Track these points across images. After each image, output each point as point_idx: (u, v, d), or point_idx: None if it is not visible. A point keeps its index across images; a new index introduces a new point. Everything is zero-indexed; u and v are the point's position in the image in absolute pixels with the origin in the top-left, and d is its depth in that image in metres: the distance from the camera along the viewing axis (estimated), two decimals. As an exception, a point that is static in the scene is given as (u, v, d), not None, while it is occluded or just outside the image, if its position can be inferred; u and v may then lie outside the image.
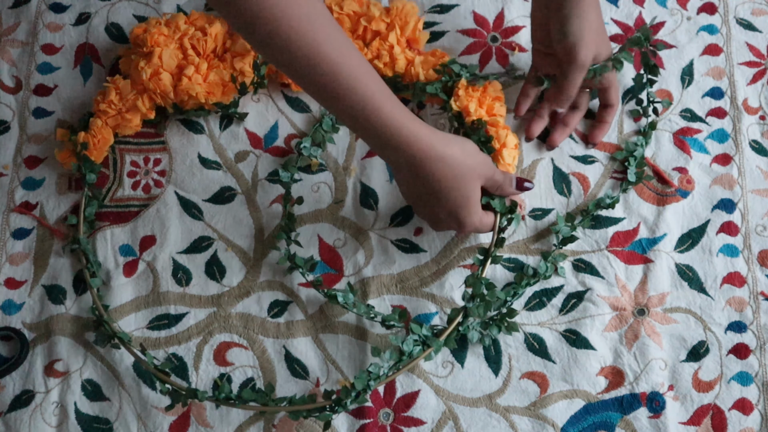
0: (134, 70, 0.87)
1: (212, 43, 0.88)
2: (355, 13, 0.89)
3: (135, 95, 0.87)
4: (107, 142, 0.88)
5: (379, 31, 0.88)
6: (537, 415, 0.80)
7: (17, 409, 0.81)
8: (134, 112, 0.87)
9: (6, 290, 0.86)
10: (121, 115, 0.88)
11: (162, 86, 0.86)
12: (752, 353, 0.81)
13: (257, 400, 0.77)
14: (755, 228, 0.85)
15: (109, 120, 0.88)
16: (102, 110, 0.87)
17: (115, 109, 0.87)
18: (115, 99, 0.87)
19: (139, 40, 0.89)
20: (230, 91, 0.88)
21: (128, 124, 0.88)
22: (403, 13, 0.89)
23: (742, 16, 0.95)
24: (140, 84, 0.87)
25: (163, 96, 0.87)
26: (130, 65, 0.89)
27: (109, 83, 0.88)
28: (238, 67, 0.88)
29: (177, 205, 0.88)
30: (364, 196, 0.88)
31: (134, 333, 0.83)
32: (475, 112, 0.85)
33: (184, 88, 0.86)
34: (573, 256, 0.85)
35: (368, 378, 0.76)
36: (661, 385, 0.80)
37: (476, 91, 0.86)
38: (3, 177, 0.90)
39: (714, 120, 0.90)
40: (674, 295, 0.83)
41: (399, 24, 0.88)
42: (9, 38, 0.96)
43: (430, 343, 0.78)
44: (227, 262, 0.86)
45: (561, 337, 0.82)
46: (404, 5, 0.89)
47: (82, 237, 0.85)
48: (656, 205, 0.86)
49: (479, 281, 0.79)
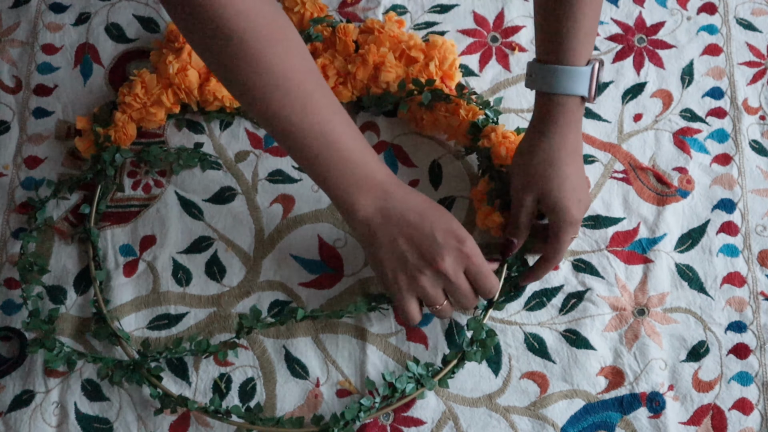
0: (162, 64, 0.88)
1: None
2: (395, 36, 0.89)
3: (160, 89, 0.88)
4: (131, 138, 0.89)
5: (417, 58, 0.88)
6: (537, 415, 0.80)
7: (17, 409, 0.81)
8: (159, 106, 0.88)
9: (6, 290, 0.86)
10: (146, 109, 0.88)
11: (188, 82, 0.87)
12: (752, 353, 0.81)
13: (245, 418, 0.78)
14: (755, 228, 0.85)
15: (133, 113, 0.88)
16: (127, 103, 0.88)
17: (140, 103, 0.88)
18: (140, 92, 0.88)
19: (172, 36, 0.90)
20: None
21: (152, 118, 0.88)
22: (443, 48, 0.88)
23: (742, 16, 0.95)
24: (166, 78, 0.88)
25: (187, 92, 0.88)
26: (159, 58, 0.90)
27: (135, 76, 0.89)
28: None
29: (177, 205, 0.88)
30: (364, 196, 0.88)
31: (134, 333, 0.83)
32: (504, 158, 0.84)
33: (211, 89, 0.87)
34: (573, 256, 0.85)
35: (359, 409, 0.77)
36: (661, 385, 0.80)
37: (506, 138, 0.85)
38: (3, 177, 0.90)
39: (714, 120, 0.90)
40: (674, 295, 0.83)
41: (438, 57, 0.88)
42: (9, 38, 0.96)
43: (424, 383, 0.79)
44: (227, 262, 0.86)
45: (561, 337, 0.82)
46: (444, 42, 0.89)
47: (92, 228, 0.85)
48: (656, 205, 0.86)
49: (481, 327, 0.79)
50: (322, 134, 0.72)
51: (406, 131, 0.90)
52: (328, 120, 0.72)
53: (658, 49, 0.93)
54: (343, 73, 0.89)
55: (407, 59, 0.88)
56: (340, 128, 0.73)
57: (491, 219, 0.83)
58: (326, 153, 0.72)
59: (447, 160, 0.89)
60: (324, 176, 0.73)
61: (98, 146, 0.88)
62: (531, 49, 0.93)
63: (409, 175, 0.88)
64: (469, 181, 0.88)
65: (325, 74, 0.88)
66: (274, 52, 0.69)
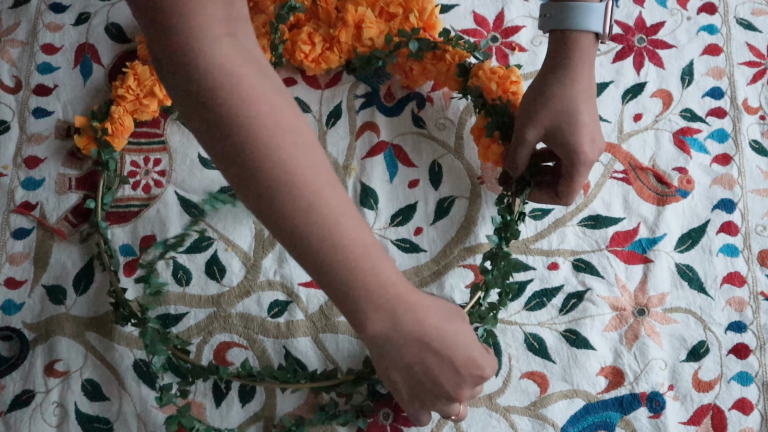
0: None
1: None
2: None
3: (153, 81, 0.88)
4: (128, 130, 0.89)
5: (396, 13, 0.88)
6: (537, 415, 0.80)
7: (17, 409, 0.81)
8: (151, 98, 0.88)
9: (6, 290, 0.86)
10: (139, 101, 0.88)
11: None
12: (752, 353, 0.81)
13: (278, 377, 0.77)
14: (755, 228, 0.85)
15: (127, 105, 0.88)
16: (120, 95, 0.88)
17: (133, 95, 0.88)
18: (133, 84, 0.88)
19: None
20: None
21: (146, 109, 0.88)
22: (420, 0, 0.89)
23: (742, 16, 0.95)
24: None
25: None
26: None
27: (128, 68, 0.89)
28: None
29: (177, 205, 0.88)
30: (364, 196, 0.88)
31: (134, 333, 0.83)
32: (496, 92, 0.84)
33: None
34: (573, 256, 0.85)
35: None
36: (661, 385, 0.80)
37: (494, 73, 0.85)
38: (3, 177, 0.90)
39: (714, 120, 0.90)
40: (674, 295, 0.83)
41: (417, 8, 0.89)
42: (9, 38, 0.96)
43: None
44: (227, 262, 0.86)
45: (561, 337, 0.82)
46: None
47: (100, 221, 0.85)
48: (656, 205, 0.86)
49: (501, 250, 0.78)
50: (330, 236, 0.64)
51: (406, 131, 0.90)
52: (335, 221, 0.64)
53: (658, 49, 0.93)
54: (328, 39, 0.89)
55: (387, 15, 0.89)
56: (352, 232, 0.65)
57: (492, 151, 0.83)
58: (332, 257, 0.64)
59: (447, 160, 0.89)
60: (330, 284, 0.66)
61: (98, 141, 0.88)
62: (531, 49, 0.93)
63: (409, 175, 0.88)
64: (469, 181, 0.88)
65: (312, 42, 0.88)
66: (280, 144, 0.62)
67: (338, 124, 0.91)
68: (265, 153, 0.61)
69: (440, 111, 0.91)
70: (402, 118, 0.90)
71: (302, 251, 0.65)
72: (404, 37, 0.87)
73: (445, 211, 0.87)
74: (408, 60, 0.88)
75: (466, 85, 0.86)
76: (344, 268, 0.64)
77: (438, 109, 0.91)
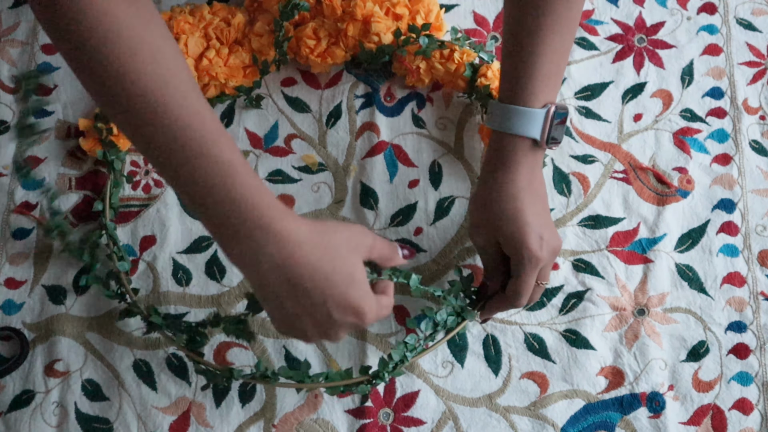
0: None
1: (235, 33, 0.89)
2: None
3: None
4: None
5: (402, 14, 0.89)
6: (537, 415, 0.80)
7: (17, 409, 0.81)
8: None
9: (6, 290, 0.86)
10: None
11: None
12: (752, 353, 0.81)
13: (294, 377, 0.77)
14: (755, 228, 0.86)
15: None
16: None
17: None
18: None
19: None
20: (252, 75, 0.89)
21: None
22: (426, 2, 0.90)
23: (742, 16, 0.95)
24: None
25: None
26: None
27: None
28: (255, 46, 0.88)
29: (177, 205, 0.88)
30: (364, 196, 0.88)
31: (135, 333, 0.83)
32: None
33: (204, 68, 0.87)
34: (573, 256, 0.85)
35: (405, 349, 0.76)
36: (661, 385, 0.80)
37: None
38: (3, 177, 0.90)
39: (714, 120, 0.90)
40: (674, 295, 0.83)
41: (423, 10, 0.89)
42: (9, 38, 0.96)
43: (465, 315, 0.78)
44: (227, 262, 0.86)
45: (561, 337, 0.82)
46: None
47: (109, 222, 0.85)
48: (656, 205, 0.86)
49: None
50: (188, 126, 0.57)
51: (406, 131, 0.90)
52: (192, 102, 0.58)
53: (658, 49, 0.93)
54: (334, 33, 0.89)
55: (393, 16, 0.89)
56: (210, 124, 0.58)
57: None
58: (191, 150, 0.58)
59: (447, 160, 0.89)
60: (183, 191, 0.59)
61: (102, 142, 0.88)
62: (531, 49, 0.93)
63: (409, 175, 0.88)
64: (469, 181, 0.88)
65: (317, 36, 0.89)
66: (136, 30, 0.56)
67: (338, 124, 0.91)
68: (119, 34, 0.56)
69: (440, 111, 0.91)
70: (402, 118, 0.90)
71: (154, 156, 0.59)
72: (414, 33, 0.87)
73: (445, 211, 0.87)
74: (415, 58, 0.88)
75: (473, 85, 0.87)
76: (198, 177, 0.57)
77: (438, 109, 0.91)
